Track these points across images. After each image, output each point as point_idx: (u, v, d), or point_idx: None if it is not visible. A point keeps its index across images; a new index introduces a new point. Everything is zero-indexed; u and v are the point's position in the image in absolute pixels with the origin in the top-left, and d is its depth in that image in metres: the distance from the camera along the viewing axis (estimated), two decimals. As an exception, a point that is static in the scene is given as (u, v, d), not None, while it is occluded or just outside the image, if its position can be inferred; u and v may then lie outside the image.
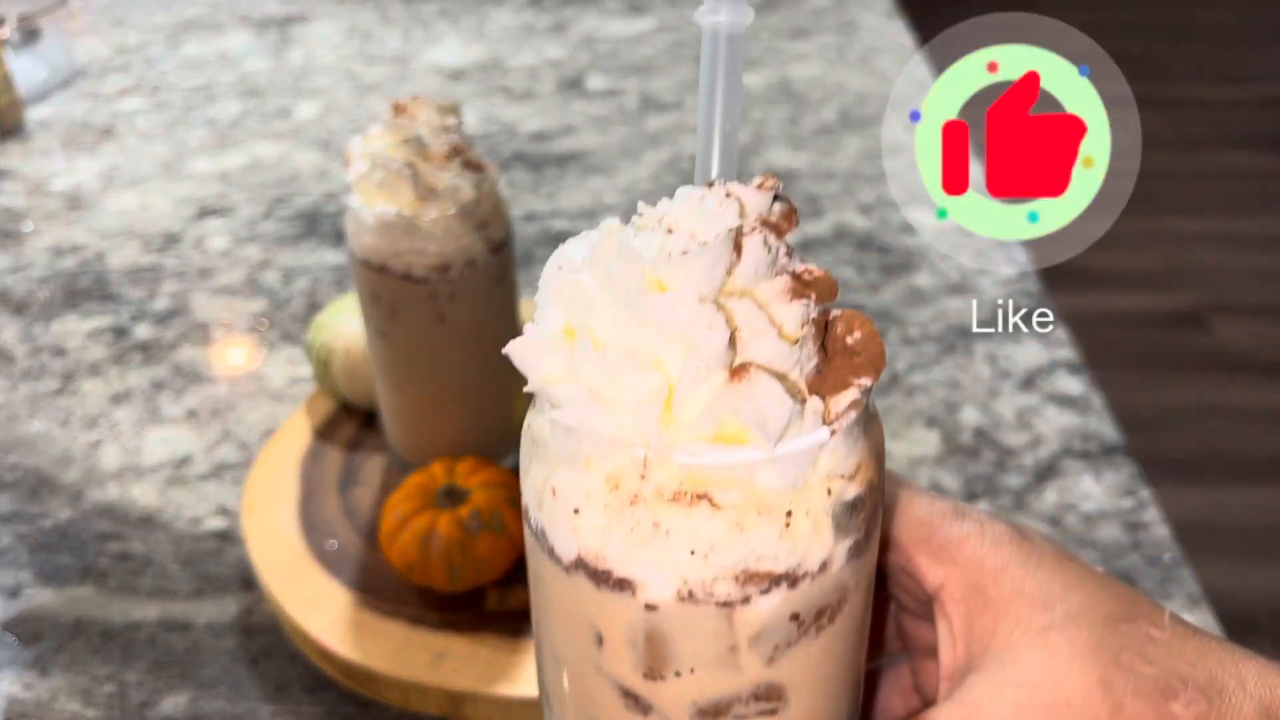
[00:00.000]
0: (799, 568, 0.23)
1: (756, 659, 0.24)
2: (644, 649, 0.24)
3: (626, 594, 0.23)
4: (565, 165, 1.01)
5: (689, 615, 0.23)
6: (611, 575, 0.23)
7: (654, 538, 0.23)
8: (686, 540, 0.22)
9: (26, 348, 0.78)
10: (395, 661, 0.50)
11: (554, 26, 1.34)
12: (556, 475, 0.24)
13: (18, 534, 0.61)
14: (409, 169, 0.51)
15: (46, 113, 1.14)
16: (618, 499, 0.23)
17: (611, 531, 0.23)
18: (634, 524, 0.23)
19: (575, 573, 0.24)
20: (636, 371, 0.22)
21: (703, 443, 0.22)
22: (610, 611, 0.24)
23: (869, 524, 0.25)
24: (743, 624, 0.23)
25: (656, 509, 0.23)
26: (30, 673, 0.53)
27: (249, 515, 0.58)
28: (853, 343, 0.24)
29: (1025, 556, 0.27)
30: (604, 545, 0.23)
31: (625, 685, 0.25)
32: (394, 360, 0.57)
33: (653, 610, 0.23)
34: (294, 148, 1.06)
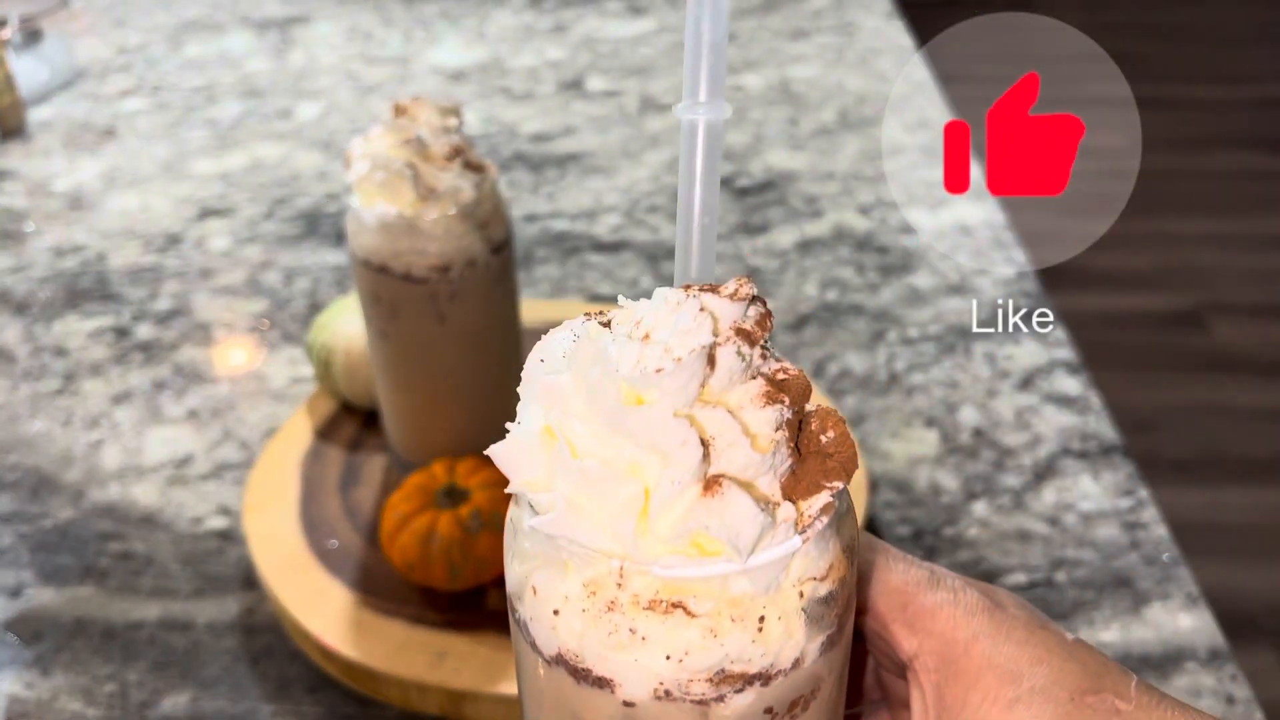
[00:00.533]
0: (772, 667, 0.24)
1: None
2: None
3: (605, 691, 0.24)
4: (565, 166, 1.01)
5: (665, 712, 0.24)
6: (590, 674, 0.24)
7: (630, 643, 0.23)
8: (662, 646, 0.23)
9: (28, 348, 0.78)
10: (396, 661, 0.50)
11: (554, 28, 1.34)
12: (537, 575, 0.25)
13: (19, 534, 0.61)
14: (410, 169, 0.52)
15: (48, 113, 1.14)
16: (595, 604, 0.24)
17: (589, 635, 0.24)
18: (611, 629, 0.24)
19: (556, 667, 0.25)
20: (613, 482, 0.23)
21: (677, 555, 0.23)
22: (590, 705, 0.25)
23: (841, 617, 0.26)
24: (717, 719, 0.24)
25: (633, 616, 0.23)
26: (31, 672, 0.53)
27: (250, 515, 0.58)
28: (826, 443, 0.25)
29: (996, 628, 0.28)
30: (582, 646, 0.24)
31: None
32: (394, 360, 0.57)
33: (630, 707, 0.24)
34: (295, 148, 1.06)
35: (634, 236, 0.88)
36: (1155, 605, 0.55)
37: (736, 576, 0.23)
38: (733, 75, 1.18)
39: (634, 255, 0.86)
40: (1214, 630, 0.54)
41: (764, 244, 0.87)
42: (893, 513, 0.61)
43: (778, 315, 0.78)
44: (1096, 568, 0.57)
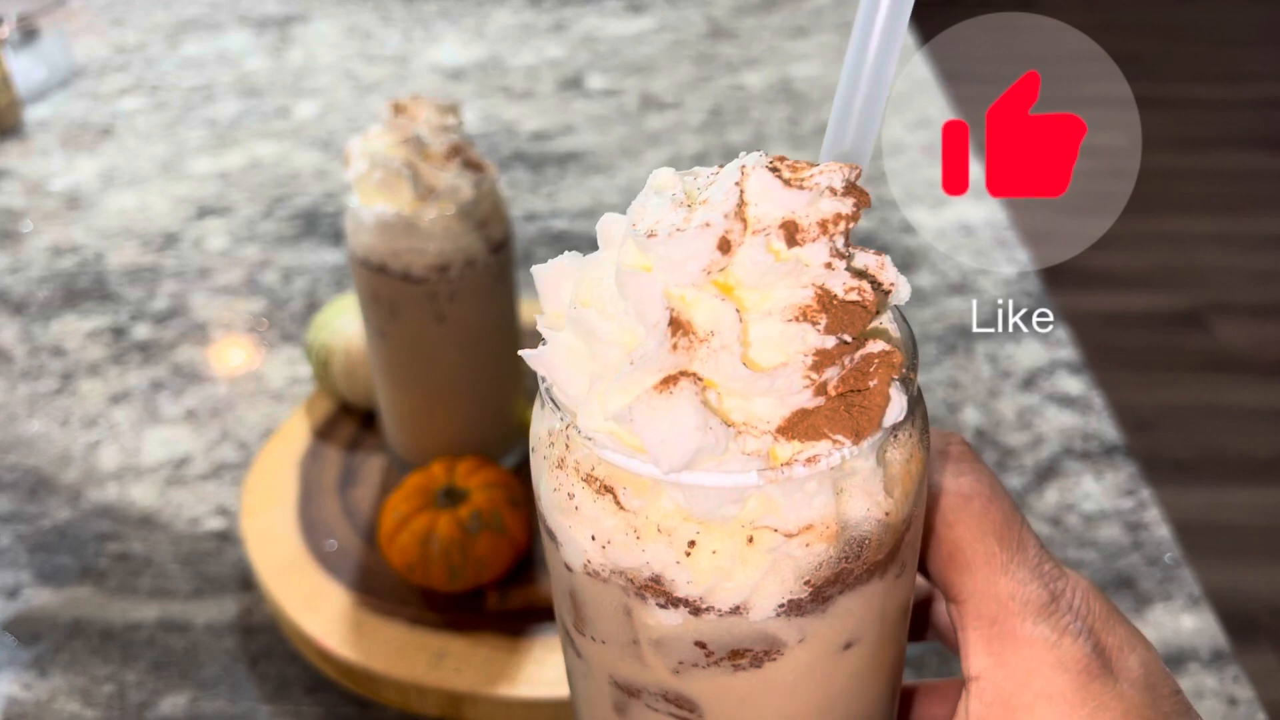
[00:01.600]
0: (702, 600, 0.22)
1: (661, 664, 0.23)
2: (571, 604, 0.24)
3: (555, 543, 0.24)
4: (565, 165, 1.00)
5: (594, 590, 0.23)
6: (545, 522, 0.24)
7: (568, 507, 0.22)
8: (589, 524, 0.22)
9: (25, 348, 0.78)
10: (395, 662, 0.50)
11: (554, 26, 1.34)
12: (536, 409, 0.24)
13: (17, 534, 0.61)
14: (408, 169, 0.51)
15: (45, 112, 1.14)
16: (551, 456, 0.23)
17: (543, 483, 0.23)
18: (556, 485, 0.23)
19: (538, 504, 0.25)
20: (599, 340, 0.22)
21: (612, 437, 0.21)
22: (550, 554, 0.24)
23: (823, 588, 0.22)
24: (641, 625, 0.23)
25: (573, 482, 0.22)
26: (29, 673, 0.53)
27: (248, 515, 0.58)
28: (863, 391, 0.21)
29: (1084, 698, 0.24)
30: (540, 492, 0.24)
31: (566, 627, 0.25)
32: (393, 360, 0.57)
33: (570, 570, 0.23)
34: (293, 147, 1.06)
35: (634, 236, 0.88)
36: (1157, 606, 0.55)
37: (668, 486, 0.21)
38: (733, 74, 1.18)
39: (634, 254, 0.86)
40: (1216, 631, 0.54)
41: (764, 243, 0.86)
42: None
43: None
44: (1098, 568, 0.57)
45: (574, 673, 0.27)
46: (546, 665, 0.50)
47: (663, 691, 0.24)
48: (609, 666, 0.24)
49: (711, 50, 1.25)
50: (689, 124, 1.07)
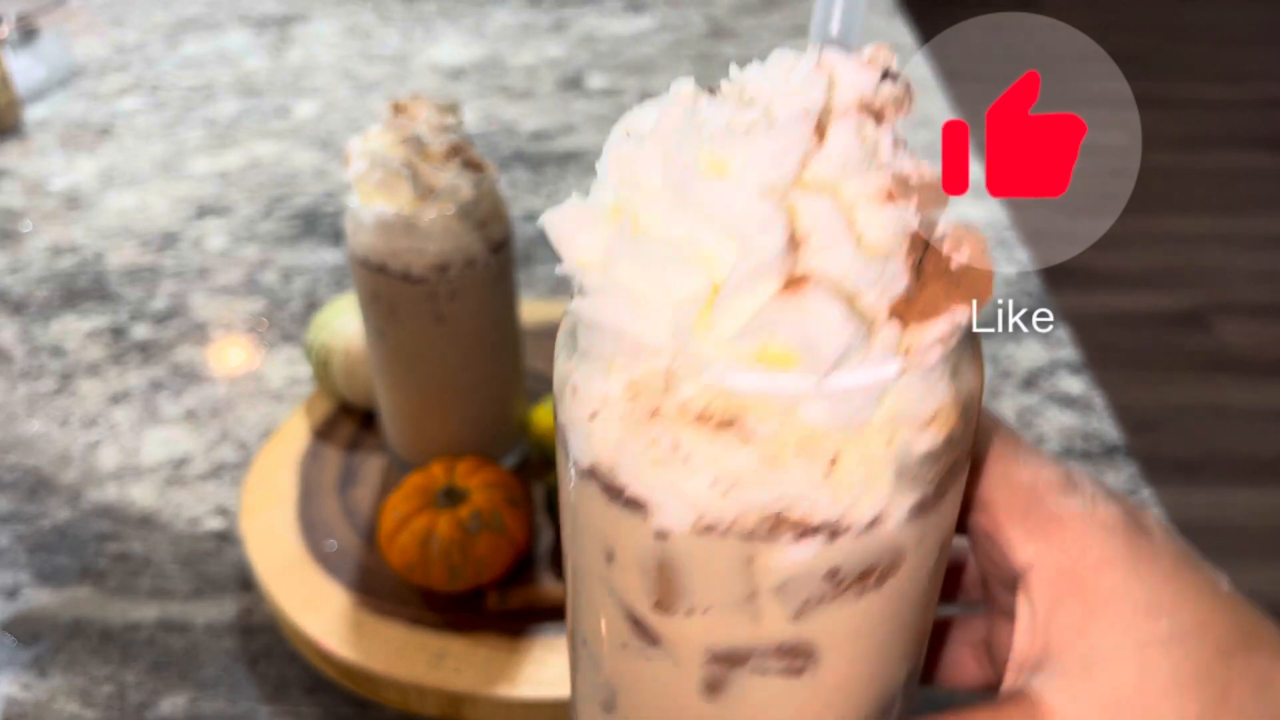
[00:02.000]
0: (842, 520, 0.20)
1: (781, 611, 0.21)
2: (655, 578, 0.21)
3: (638, 516, 0.20)
4: (565, 164, 1.00)
5: (704, 551, 0.20)
6: (623, 493, 0.20)
7: (671, 460, 0.19)
8: (708, 469, 0.19)
9: (25, 348, 0.78)
10: (394, 662, 0.50)
11: (554, 25, 1.34)
12: (578, 372, 0.21)
13: (16, 534, 0.61)
14: (408, 168, 0.51)
15: (45, 112, 1.14)
16: (637, 410, 0.20)
17: (627, 445, 0.20)
18: (651, 441, 0.20)
19: (589, 481, 0.21)
20: (677, 267, 0.19)
21: (740, 361, 0.19)
22: (622, 531, 0.21)
23: (943, 481, 0.21)
24: (766, 571, 0.20)
25: (677, 429, 0.19)
26: (29, 673, 0.53)
27: (248, 516, 0.58)
28: (957, 265, 0.20)
29: (1137, 553, 0.23)
30: (617, 459, 0.20)
31: (635, 613, 0.22)
32: (393, 360, 0.57)
33: (664, 539, 0.20)
34: (293, 147, 1.06)
35: (634, 235, 0.88)
36: (1157, 606, 0.55)
37: (812, 400, 0.19)
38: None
39: (634, 254, 0.86)
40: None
41: (764, 243, 0.86)
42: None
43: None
44: (1098, 568, 0.57)
45: (627, 676, 0.23)
46: (546, 665, 0.50)
47: (777, 645, 0.22)
48: (708, 640, 0.22)
49: (712, 50, 1.25)
50: (689, 123, 1.07)
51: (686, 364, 0.19)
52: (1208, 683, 0.22)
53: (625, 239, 0.20)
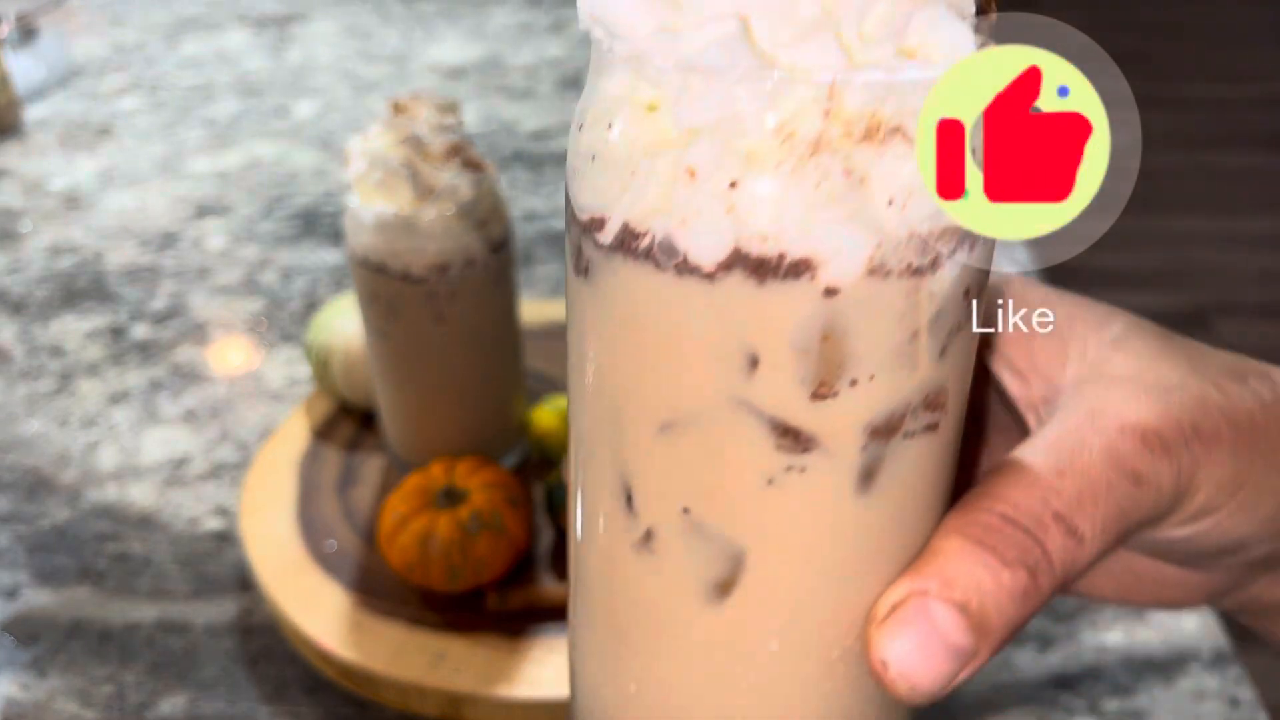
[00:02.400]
0: None
1: (931, 348, 0.20)
2: (818, 355, 0.19)
3: (803, 280, 0.18)
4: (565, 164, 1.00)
5: (876, 295, 0.19)
6: (784, 260, 0.18)
7: (845, 192, 0.18)
8: (884, 186, 0.18)
9: (24, 348, 0.78)
10: (394, 663, 0.50)
11: (553, 25, 1.34)
12: (693, 152, 0.18)
13: (15, 534, 0.61)
14: (408, 168, 0.51)
15: (44, 112, 1.14)
16: (794, 151, 0.18)
17: (789, 196, 0.18)
18: (820, 178, 0.18)
19: (725, 277, 0.18)
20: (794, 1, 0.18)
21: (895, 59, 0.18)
22: (775, 315, 0.19)
23: None
24: (927, 299, 0.19)
25: (847, 152, 0.18)
26: (28, 674, 0.53)
27: (247, 516, 0.58)
28: None
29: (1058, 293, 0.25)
30: (779, 218, 0.18)
31: (782, 418, 0.20)
32: (393, 360, 0.57)
33: (833, 296, 0.18)
34: (293, 147, 1.06)
35: (633, 235, 0.88)
36: (1158, 606, 0.55)
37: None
38: (733, 73, 1.18)
39: (633, 254, 0.86)
40: (1218, 632, 0.54)
41: (764, 243, 0.86)
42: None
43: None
44: (1099, 569, 0.57)
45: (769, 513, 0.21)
46: (546, 666, 0.50)
47: (924, 396, 0.20)
48: (869, 411, 0.20)
49: (711, 49, 1.25)
50: (689, 123, 1.07)
51: (846, 77, 0.18)
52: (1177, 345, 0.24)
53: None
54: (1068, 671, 0.52)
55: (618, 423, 0.21)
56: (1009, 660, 0.53)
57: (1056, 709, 0.51)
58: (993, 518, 0.20)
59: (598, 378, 0.22)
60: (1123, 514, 0.21)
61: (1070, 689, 0.51)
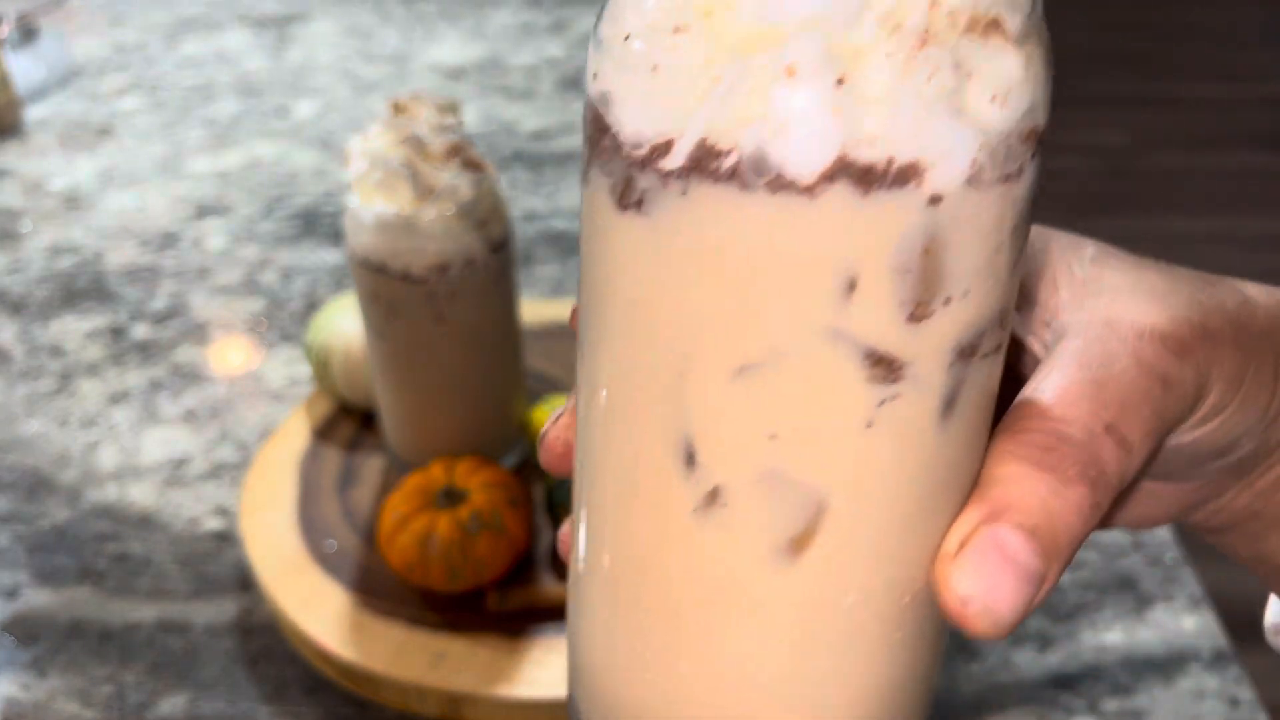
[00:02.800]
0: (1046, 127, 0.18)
1: (1009, 262, 0.19)
2: (919, 272, 0.18)
3: (909, 188, 0.17)
4: (565, 164, 1.00)
5: (973, 204, 0.18)
6: (893, 165, 0.17)
7: (954, 88, 0.17)
8: (989, 82, 0.17)
9: (24, 348, 0.78)
10: (394, 662, 0.50)
11: (554, 25, 1.33)
12: (794, 47, 0.17)
13: (15, 534, 0.61)
14: (408, 168, 0.51)
15: (44, 112, 1.14)
16: (902, 44, 0.16)
17: (900, 92, 0.16)
18: (931, 72, 0.17)
19: (826, 189, 0.17)
20: None
21: None
22: (878, 231, 0.17)
23: None
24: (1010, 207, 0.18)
25: (954, 45, 0.17)
26: (28, 674, 0.53)
27: (247, 516, 0.58)
28: None
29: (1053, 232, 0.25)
30: (890, 117, 0.17)
31: (877, 345, 0.18)
32: (393, 360, 0.57)
33: (936, 204, 0.17)
34: (293, 147, 1.06)
35: (633, 235, 0.88)
36: (1158, 607, 0.55)
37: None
38: (733, 73, 1.18)
39: (633, 254, 0.86)
40: (1217, 632, 0.54)
41: (764, 243, 0.86)
42: (894, 513, 0.60)
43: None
44: (1099, 569, 0.57)
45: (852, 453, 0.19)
46: (546, 666, 0.50)
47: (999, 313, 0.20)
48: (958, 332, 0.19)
49: (711, 49, 1.25)
50: (689, 123, 1.07)
51: None
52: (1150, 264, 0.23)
53: None
54: (1067, 671, 0.52)
55: (679, 373, 0.19)
56: (1009, 660, 0.53)
57: (1056, 709, 0.51)
58: (1048, 437, 0.20)
59: (649, 327, 0.20)
60: (1160, 419, 0.21)
61: (1070, 689, 0.51)
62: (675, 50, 0.18)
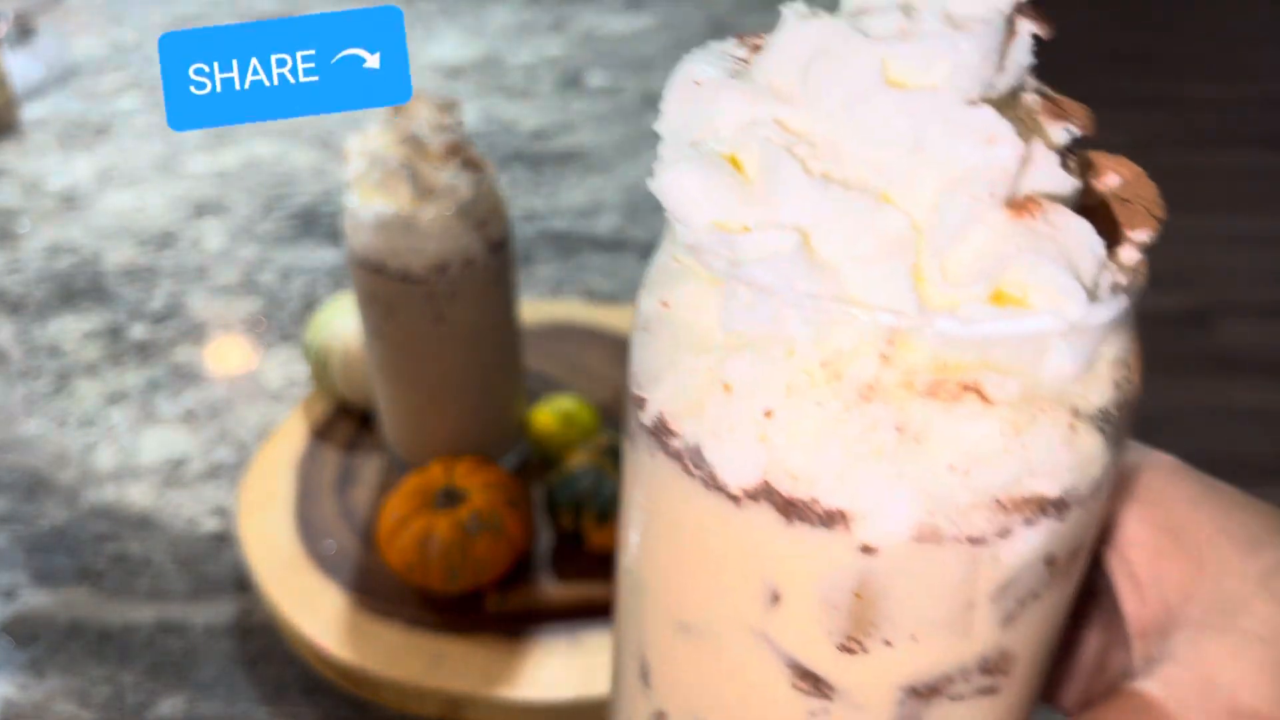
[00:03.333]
0: (1074, 489, 0.17)
1: (993, 619, 0.18)
2: (848, 610, 0.17)
3: (835, 532, 0.16)
4: (564, 163, 1.00)
5: (925, 560, 0.17)
6: (816, 506, 0.16)
7: (896, 448, 0.16)
8: (945, 450, 0.16)
9: (22, 348, 0.77)
10: (393, 663, 0.50)
11: (553, 24, 1.33)
12: (731, 365, 0.16)
13: (14, 535, 0.61)
14: (407, 167, 0.51)
15: (42, 111, 1.14)
16: (840, 393, 0.16)
17: (828, 442, 0.16)
18: (866, 428, 0.16)
19: (751, 505, 0.17)
20: (872, 207, 0.16)
21: (972, 307, 0.16)
22: (802, 559, 0.17)
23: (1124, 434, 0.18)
24: (992, 570, 0.17)
25: (903, 405, 0.16)
26: (26, 674, 0.53)
27: (246, 516, 0.58)
28: (1118, 188, 0.18)
29: (1207, 490, 0.22)
30: (813, 462, 0.16)
31: (803, 661, 0.18)
32: (391, 360, 0.57)
33: (870, 554, 0.16)
34: (291, 146, 1.06)
35: (634, 235, 0.88)
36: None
37: (1059, 342, 0.16)
38: (732, 72, 1.18)
39: (634, 254, 0.86)
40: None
41: (764, 242, 0.86)
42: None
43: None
44: (1099, 569, 0.57)
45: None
46: (545, 667, 0.50)
47: (980, 663, 0.18)
48: (908, 674, 0.18)
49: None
50: (688, 122, 1.07)
51: (914, 320, 0.15)
52: None
53: (794, 181, 0.16)
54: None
55: (641, 600, 0.20)
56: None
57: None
58: None
59: (632, 545, 0.20)
60: None
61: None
62: (657, 321, 0.18)
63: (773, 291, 0.16)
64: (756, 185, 0.16)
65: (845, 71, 0.16)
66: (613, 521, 0.53)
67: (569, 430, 0.58)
